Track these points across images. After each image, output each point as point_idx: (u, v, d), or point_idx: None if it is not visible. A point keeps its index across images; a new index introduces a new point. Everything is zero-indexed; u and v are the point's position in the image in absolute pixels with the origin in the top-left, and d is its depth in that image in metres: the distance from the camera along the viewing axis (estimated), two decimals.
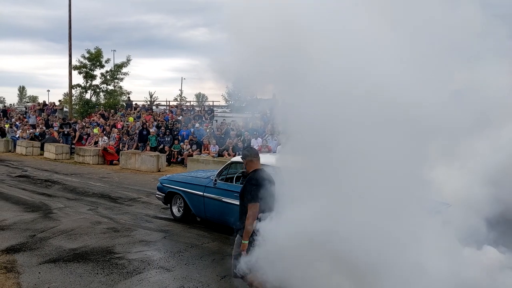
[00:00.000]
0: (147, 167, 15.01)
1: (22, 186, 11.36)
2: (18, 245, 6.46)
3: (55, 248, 6.32)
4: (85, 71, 25.78)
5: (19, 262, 5.76)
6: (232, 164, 7.01)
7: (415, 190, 3.92)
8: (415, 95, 3.68)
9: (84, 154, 17.05)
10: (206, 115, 20.47)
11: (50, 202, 9.41)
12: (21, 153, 19.37)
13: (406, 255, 3.67)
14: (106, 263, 5.74)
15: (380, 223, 3.62)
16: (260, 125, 16.66)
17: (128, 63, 26.54)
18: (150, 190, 10.71)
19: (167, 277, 5.29)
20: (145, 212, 8.54)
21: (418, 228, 3.87)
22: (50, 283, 5.10)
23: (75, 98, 26.42)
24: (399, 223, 3.72)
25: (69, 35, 24.50)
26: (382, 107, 3.68)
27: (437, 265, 3.86)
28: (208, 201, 7.08)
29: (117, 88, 27.15)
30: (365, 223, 3.62)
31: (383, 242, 3.61)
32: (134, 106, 25.13)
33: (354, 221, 3.65)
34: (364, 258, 3.59)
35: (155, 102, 38.68)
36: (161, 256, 6.00)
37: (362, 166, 3.69)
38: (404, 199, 3.82)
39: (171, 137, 17.16)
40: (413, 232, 3.80)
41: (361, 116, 3.72)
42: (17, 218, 7.99)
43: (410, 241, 3.74)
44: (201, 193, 7.19)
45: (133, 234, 7.07)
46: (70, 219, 7.98)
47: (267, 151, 13.64)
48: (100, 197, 10.09)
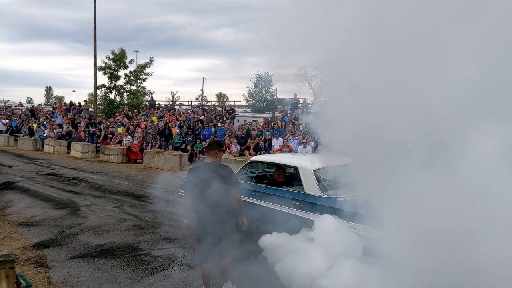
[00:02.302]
0: (170, 165, 15.23)
1: (50, 183, 11.72)
2: (48, 240, 6.68)
3: (83, 244, 6.51)
4: (109, 71, 26.28)
5: (48, 257, 5.96)
6: (252, 163, 7.04)
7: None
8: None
9: (109, 153, 17.43)
10: (228, 115, 20.61)
11: (77, 199, 9.68)
12: (49, 152, 19.95)
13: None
14: (132, 259, 5.88)
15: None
16: (281, 125, 16.70)
17: (151, 63, 26.91)
18: (173, 189, 10.86)
19: (191, 274, 5.38)
20: (168, 210, 8.67)
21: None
22: (78, 277, 5.26)
23: (100, 98, 26.96)
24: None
25: (94, 36, 25.06)
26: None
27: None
28: None
29: (140, 88, 27.57)
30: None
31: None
32: (157, 106, 25.50)
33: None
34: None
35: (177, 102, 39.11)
36: (185, 254, 6.10)
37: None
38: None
39: (193, 136, 17.37)
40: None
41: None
42: (46, 214, 8.26)
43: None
44: None
45: (157, 231, 7.20)
46: (96, 216, 8.20)
47: (287, 150, 13.66)
48: (125, 195, 10.31)
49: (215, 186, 4.53)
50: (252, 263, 5.15)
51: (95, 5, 24.77)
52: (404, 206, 3.80)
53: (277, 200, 5.79)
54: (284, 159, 6.98)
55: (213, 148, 4.90)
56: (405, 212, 3.77)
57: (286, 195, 5.77)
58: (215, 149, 4.87)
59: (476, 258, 3.37)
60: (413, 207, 3.72)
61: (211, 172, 4.65)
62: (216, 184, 4.54)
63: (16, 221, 7.76)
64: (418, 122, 3.91)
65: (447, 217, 3.50)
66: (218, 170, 4.71)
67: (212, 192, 4.52)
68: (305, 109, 18.33)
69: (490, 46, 3.50)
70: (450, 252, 3.52)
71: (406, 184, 3.79)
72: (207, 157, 4.90)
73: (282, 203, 5.68)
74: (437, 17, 3.73)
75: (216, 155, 4.84)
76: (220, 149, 4.95)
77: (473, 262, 3.40)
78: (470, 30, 3.57)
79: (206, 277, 4.73)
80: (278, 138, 14.90)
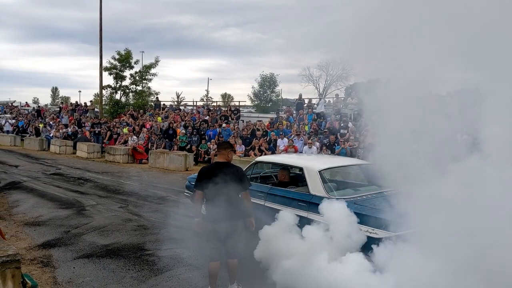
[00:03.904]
0: (175, 166, 15.26)
1: (56, 183, 11.78)
2: (54, 240, 6.71)
3: (89, 244, 6.53)
4: (115, 72, 26.40)
5: (54, 257, 5.99)
6: (257, 163, 7.02)
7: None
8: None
9: (115, 153, 17.50)
10: (232, 115, 20.62)
11: (83, 199, 9.72)
12: (55, 152, 20.07)
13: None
14: (137, 260, 5.89)
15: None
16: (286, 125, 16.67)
17: (157, 64, 27.01)
18: (179, 189, 10.89)
19: (196, 275, 5.38)
20: (174, 210, 8.68)
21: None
22: (84, 277, 5.27)
23: (106, 99, 27.09)
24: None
25: (100, 37, 25.20)
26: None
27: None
28: None
29: (145, 88, 27.68)
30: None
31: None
32: (162, 107, 25.58)
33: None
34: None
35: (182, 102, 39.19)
36: (190, 254, 6.09)
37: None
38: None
39: (198, 136, 17.40)
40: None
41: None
42: (52, 214, 8.30)
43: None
44: None
45: (162, 231, 7.21)
46: (102, 216, 8.23)
47: (293, 151, 13.63)
48: (130, 195, 10.34)
49: (226, 186, 4.54)
50: (257, 263, 5.14)
51: (101, 5, 24.94)
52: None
53: (281, 201, 5.78)
54: (289, 160, 6.96)
55: (225, 147, 4.91)
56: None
57: (291, 196, 5.76)
58: (227, 149, 4.88)
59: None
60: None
61: (222, 172, 4.66)
62: (227, 184, 4.55)
63: (22, 221, 7.80)
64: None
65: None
66: (229, 170, 4.72)
67: (223, 192, 4.53)
68: (309, 109, 18.29)
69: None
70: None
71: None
72: (219, 156, 4.91)
73: (287, 204, 5.67)
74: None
75: (228, 155, 4.85)
76: (231, 149, 4.97)
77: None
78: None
79: (213, 277, 4.73)
80: (283, 139, 14.88)
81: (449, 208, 3.71)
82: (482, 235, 3.47)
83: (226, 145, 4.99)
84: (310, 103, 19.85)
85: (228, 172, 4.69)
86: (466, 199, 3.63)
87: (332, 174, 6.96)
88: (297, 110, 18.85)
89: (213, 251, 4.70)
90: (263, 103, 44.36)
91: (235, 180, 4.64)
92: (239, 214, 4.69)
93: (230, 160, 4.90)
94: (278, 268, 4.64)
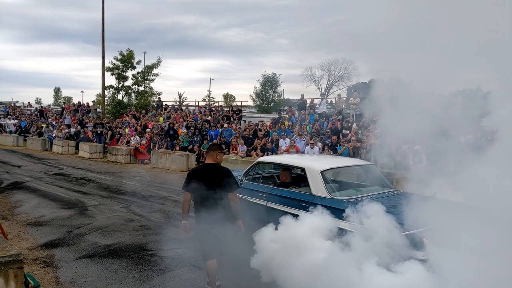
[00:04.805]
0: (177, 166, 15.27)
1: (58, 183, 11.81)
2: (56, 240, 6.73)
3: (91, 244, 6.54)
4: (117, 72, 26.43)
5: (57, 257, 6.00)
6: (259, 164, 7.02)
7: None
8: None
9: (117, 153, 17.53)
10: (234, 116, 20.62)
11: (85, 199, 9.74)
12: (57, 152, 20.11)
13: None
14: (139, 260, 5.89)
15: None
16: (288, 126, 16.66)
17: (159, 64, 27.02)
18: (180, 189, 10.88)
19: (199, 275, 5.38)
20: (176, 211, 8.69)
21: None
22: (86, 277, 5.28)
23: (108, 99, 27.13)
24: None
25: (102, 37, 25.22)
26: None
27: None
28: None
29: (147, 89, 27.69)
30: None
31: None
32: (164, 107, 25.60)
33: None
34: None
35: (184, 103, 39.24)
36: (192, 255, 6.09)
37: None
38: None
39: (200, 137, 17.40)
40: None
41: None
42: (55, 214, 8.32)
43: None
44: None
45: (164, 232, 7.21)
46: (104, 216, 8.24)
47: (294, 151, 13.62)
48: (132, 195, 10.35)
49: (213, 187, 4.61)
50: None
51: (103, 6, 24.97)
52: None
53: (283, 201, 5.77)
54: (291, 160, 6.95)
55: (213, 149, 4.95)
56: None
57: (293, 196, 5.75)
58: (215, 150, 4.92)
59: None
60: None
61: (209, 174, 4.73)
62: (214, 186, 4.62)
63: (24, 221, 7.82)
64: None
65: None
66: (216, 171, 4.77)
67: (210, 193, 4.59)
68: (311, 110, 18.27)
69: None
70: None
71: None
72: (207, 158, 4.94)
73: (289, 204, 5.66)
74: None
75: (216, 157, 4.88)
76: (220, 151, 4.98)
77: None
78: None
79: (213, 275, 4.75)
80: (285, 139, 14.87)
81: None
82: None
83: (215, 147, 5.01)
84: (312, 104, 19.83)
85: (215, 173, 4.74)
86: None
87: (334, 174, 6.96)
88: (299, 110, 18.83)
89: (206, 249, 4.75)
90: (265, 103, 44.37)
91: (222, 182, 4.69)
92: (226, 215, 4.69)
93: (219, 161, 4.92)
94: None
